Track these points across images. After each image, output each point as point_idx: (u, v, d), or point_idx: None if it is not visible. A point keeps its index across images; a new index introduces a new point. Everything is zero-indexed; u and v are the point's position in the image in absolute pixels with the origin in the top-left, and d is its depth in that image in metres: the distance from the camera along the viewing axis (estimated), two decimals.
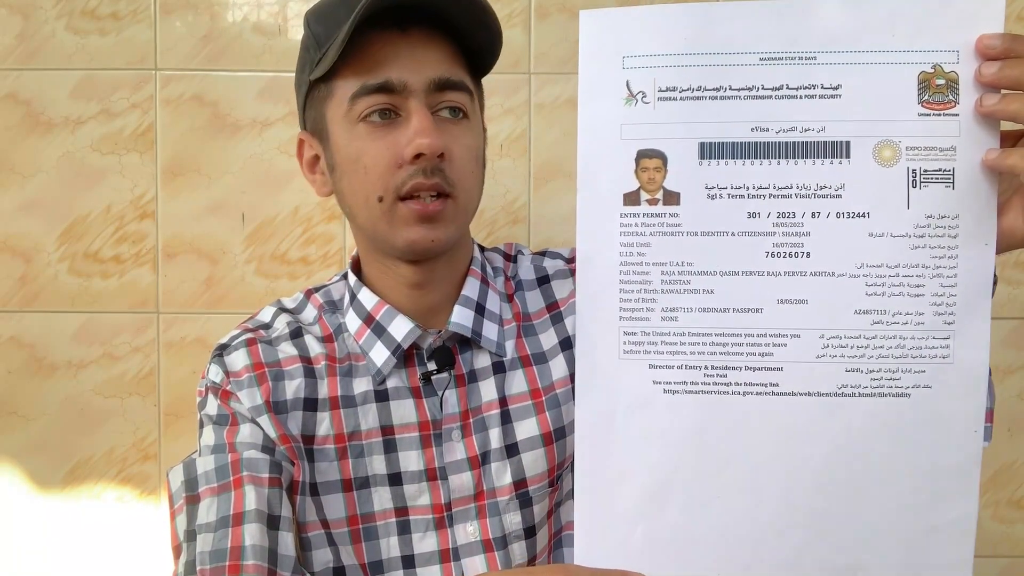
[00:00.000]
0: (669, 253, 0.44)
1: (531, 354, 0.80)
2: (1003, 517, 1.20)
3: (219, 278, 1.17)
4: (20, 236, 1.16)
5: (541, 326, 0.81)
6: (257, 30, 1.16)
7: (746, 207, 0.42)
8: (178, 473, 0.72)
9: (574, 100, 1.17)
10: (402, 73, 0.70)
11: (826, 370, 0.43)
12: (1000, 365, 1.19)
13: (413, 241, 0.72)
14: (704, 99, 0.42)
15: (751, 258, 0.43)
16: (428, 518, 0.76)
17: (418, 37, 0.71)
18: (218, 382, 0.76)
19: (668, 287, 0.45)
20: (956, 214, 0.43)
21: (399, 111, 0.71)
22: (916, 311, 0.42)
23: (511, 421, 0.77)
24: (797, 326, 0.43)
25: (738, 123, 0.42)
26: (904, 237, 0.42)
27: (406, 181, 0.70)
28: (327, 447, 0.75)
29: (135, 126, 1.16)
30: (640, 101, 0.44)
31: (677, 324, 0.45)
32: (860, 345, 0.42)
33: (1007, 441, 1.19)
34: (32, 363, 1.17)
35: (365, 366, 0.77)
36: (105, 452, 1.18)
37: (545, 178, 1.18)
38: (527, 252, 0.89)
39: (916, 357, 0.42)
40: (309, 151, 0.80)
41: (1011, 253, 1.18)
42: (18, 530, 1.18)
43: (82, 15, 1.15)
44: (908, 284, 0.42)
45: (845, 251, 0.42)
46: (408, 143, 0.69)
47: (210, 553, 0.66)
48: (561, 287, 0.84)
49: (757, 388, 0.45)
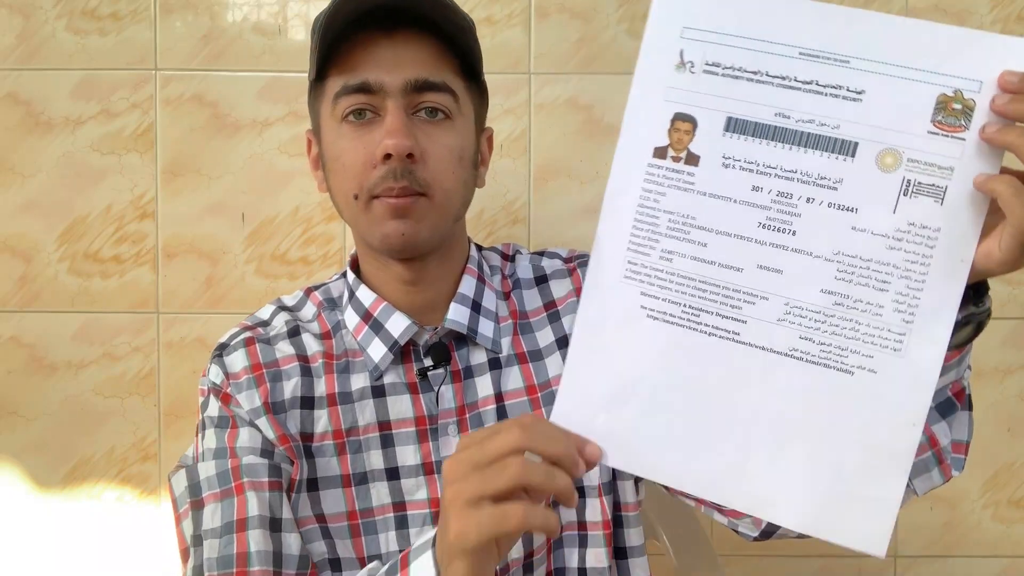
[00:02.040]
0: (678, 205, 0.51)
1: (527, 351, 0.81)
2: (1003, 517, 1.20)
3: (219, 278, 1.17)
4: (20, 236, 1.16)
5: (538, 324, 0.82)
6: (257, 30, 1.16)
7: (752, 181, 0.48)
8: (181, 479, 0.74)
9: (574, 100, 1.18)
10: (380, 74, 0.72)
11: (783, 332, 0.50)
12: (1000, 365, 1.19)
13: (386, 235, 0.73)
14: (741, 79, 0.48)
15: (745, 225, 0.49)
16: (425, 512, 0.76)
17: (403, 39, 0.73)
18: (218, 384, 0.77)
19: (671, 233, 0.52)
20: (938, 227, 0.47)
21: (378, 111, 0.73)
22: (877, 303, 0.47)
23: (507, 416, 0.78)
24: (767, 290, 0.50)
25: (765, 106, 0.48)
26: (883, 237, 0.47)
27: (377, 183, 0.72)
28: (326, 443, 0.76)
29: (135, 126, 1.16)
30: (688, 70, 0.49)
31: (670, 264, 0.52)
32: (817, 319, 0.48)
33: (1007, 441, 1.19)
34: (32, 363, 1.17)
35: (362, 362, 0.78)
36: (105, 452, 1.18)
37: (545, 178, 1.18)
38: (525, 252, 0.90)
39: (866, 343, 0.48)
40: (314, 149, 0.82)
41: None
42: (18, 530, 1.18)
43: (82, 15, 1.15)
44: (875, 278, 0.47)
45: (827, 237, 0.47)
46: (378, 145, 0.71)
47: (217, 559, 0.68)
48: (559, 286, 0.84)
49: (720, 333, 0.52)
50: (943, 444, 0.59)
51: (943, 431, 0.59)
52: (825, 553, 1.20)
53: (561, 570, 0.78)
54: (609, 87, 1.17)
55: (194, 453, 0.77)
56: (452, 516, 0.53)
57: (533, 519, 0.51)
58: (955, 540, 1.20)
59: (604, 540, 0.78)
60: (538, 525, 0.51)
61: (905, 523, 1.20)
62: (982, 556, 1.20)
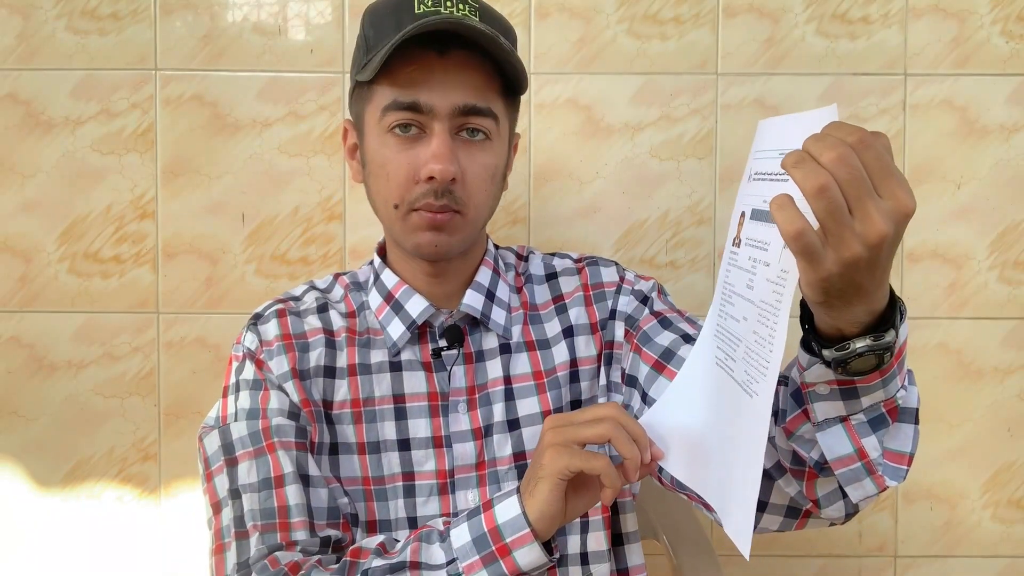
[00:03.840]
0: (731, 278, 0.64)
1: (536, 340, 0.87)
2: (1003, 517, 1.20)
3: (219, 278, 1.17)
4: (20, 236, 1.16)
5: (547, 316, 0.88)
6: (257, 30, 1.16)
7: (748, 252, 0.60)
8: (214, 438, 0.79)
9: (574, 100, 1.18)
10: (431, 97, 0.76)
11: (741, 365, 0.62)
12: (1000, 365, 1.19)
13: (420, 245, 0.80)
14: (763, 180, 0.59)
15: (744, 287, 0.61)
16: (432, 483, 0.82)
17: (455, 61, 0.77)
18: (253, 350, 0.82)
19: (724, 298, 0.65)
20: (787, 270, 0.55)
21: (423, 128, 0.78)
22: (767, 337, 0.57)
23: (514, 398, 0.84)
24: (736, 330, 0.62)
25: (760, 197, 0.59)
26: (771, 282, 0.57)
27: (418, 198, 0.78)
28: (344, 411, 0.82)
29: (135, 126, 1.16)
30: (750, 179, 0.62)
31: (724, 322, 0.65)
32: (750, 353, 0.59)
33: (1007, 441, 1.19)
34: (32, 363, 1.17)
35: (382, 340, 0.85)
36: (105, 452, 1.18)
37: (545, 178, 1.18)
38: (538, 253, 0.95)
39: (759, 370, 0.58)
40: (351, 138, 0.86)
41: (1011, 252, 1.18)
42: (18, 530, 1.18)
43: (82, 15, 1.15)
44: (767, 317, 0.56)
45: (758, 288, 0.58)
46: (423, 164, 0.77)
47: (259, 511, 0.75)
48: (568, 282, 0.90)
49: (716, 356, 0.66)
50: (872, 457, 0.63)
51: (872, 444, 0.63)
52: (825, 553, 1.20)
53: (563, 556, 0.82)
54: (609, 87, 1.17)
55: (219, 414, 0.81)
56: (547, 452, 0.66)
57: (610, 470, 0.64)
58: (955, 540, 1.20)
59: (603, 524, 0.84)
60: (612, 478, 0.64)
61: (905, 523, 1.20)
62: (982, 556, 1.20)
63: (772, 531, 0.75)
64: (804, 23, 1.16)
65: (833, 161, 0.48)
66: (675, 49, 1.17)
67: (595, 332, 0.87)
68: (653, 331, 0.82)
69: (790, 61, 1.16)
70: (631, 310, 0.86)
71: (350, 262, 1.18)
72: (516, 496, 0.68)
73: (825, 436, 0.63)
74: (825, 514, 0.70)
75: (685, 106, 1.17)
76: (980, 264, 1.18)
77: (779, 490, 0.72)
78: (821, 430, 0.63)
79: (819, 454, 0.65)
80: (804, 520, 0.74)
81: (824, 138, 0.50)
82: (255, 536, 0.73)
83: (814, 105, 1.15)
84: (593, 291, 0.88)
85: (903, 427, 0.65)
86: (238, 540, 0.74)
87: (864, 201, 0.49)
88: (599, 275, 0.89)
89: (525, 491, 0.67)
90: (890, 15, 1.16)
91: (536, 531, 0.66)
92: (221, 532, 0.76)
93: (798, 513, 0.73)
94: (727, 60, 1.17)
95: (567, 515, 0.68)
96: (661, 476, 0.83)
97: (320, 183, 1.17)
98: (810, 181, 0.48)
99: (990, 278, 1.18)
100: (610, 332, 0.86)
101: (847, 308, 0.54)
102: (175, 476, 1.18)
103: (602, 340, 0.86)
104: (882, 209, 0.49)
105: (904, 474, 0.65)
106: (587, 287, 0.89)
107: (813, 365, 0.60)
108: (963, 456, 1.19)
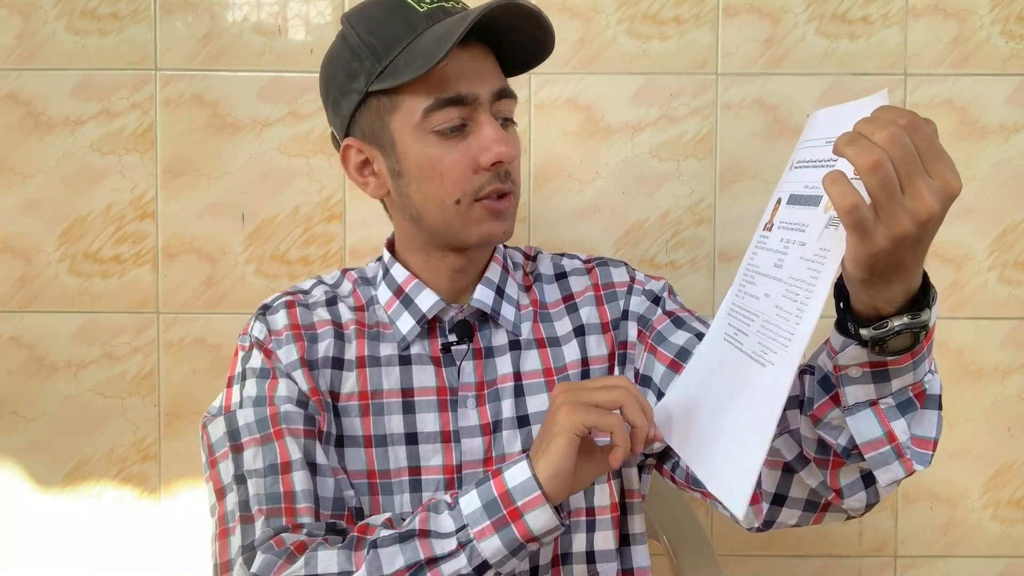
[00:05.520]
0: (753, 256, 0.66)
1: (546, 337, 0.87)
2: (1003, 517, 1.20)
3: (219, 278, 1.17)
4: (20, 236, 1.16)
5: (557, 315, 0.88)
6: (257, 30, 1.16)
7: (780, 235, 0.62)
8: (219, 425, 0.78)
9: (574, 100, 1.18)
10: (471, 86, 0.77)
11: (753, 339, 0.63)
12: (1000, 365, 1.19)
13: (488, 235, 0.80)
14: (805, 167, 0.61)
15: (770, 267, 0.63)
16: (439, 478, 0.81)
17: (476, 51, 0.78)
18: (261, 339, 0.82)
19: (745, 279, 0.67)
20: (828, 248, 0.57)
21: (466, 120, 0.78)
22: (795, 313, 0.58)
23: (524, 395, 0.84)
24: (753, 307, 0.64)
25: (801, 183, 0.61)
26: (805, 260, 0.58)
27: (484, 185, 0.78)
28: (351, 403, 0.82)
29: (135, 126, 1.16)
30: (792, 168, 0.64)
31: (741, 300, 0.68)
32: (762, 324, 0.62)
33: (1007, 441, 1.19)
34: (32, 363, 1.17)
35: (392, 334, 0.85)
36: (105, 452, 1.18)
37: (545, 178, 1.18)
38: (546, 253, 0.96)
39: (779, 342, 0.59)
40: (358, 156, 0.83)
41: (1011, 252, 1.18)
42: (18, 530, 1.18)
43: (82, 15, 1.15)
44: (795, 293, 0.58)
45: (791, 267, 0.60)
46: (483, 151, 0.77)
47: (265, 496, 0.74)
48: (577, 282, 0.91)
49: (725, 331, 0.69)
50: (901, 440, 0.64)
51: (901, 427, 0.64)
52: (825, 553, 1.20)
53: (568, 555, 0.82)
54: (609, 87, 1.17)
55: (224, 403, 0.80)
56: (561, 410, 0.67)
57: (622, 429, 0.66)
58: (955, 540, 1.20)
59: (612, 523, 0.83)
60: (623, 437, 0.66)
61: (905, 523, 1.20)
62: (982, 556, 1.20)
63: (789, 525, 0.76)
64: (804, 23, 1.17)
65: (886, 139, 0.50)
66: (675, 49, 1.17)
67: (606, 332, 0.87)
68: (667, 331, 0.83)
69: (790, 61, 1.17)
70: (643, 310, 0.86)
71: (350, 262, 1.18)
72: (526, 461, 0.67)
73: (855, 420, 0.64)
74: (847, 504, 0.71)
75: (685, 106, 1.17)
76: (980, 264, 1.18)
77: (800, 483, 0.73)
78: (851, 414, 0.64)
79: (847, 440, 0.66)
80: (822, 514, 0.75)
81: (876, 119, 0.52)
82: (260, 520, 0.73)
83: (814, 105, 1.15)
84: (604, 291, 0.89)
85: (928, 413, 0.66)
86: (243, 524, 0.73)
87: (915, 179, 0.51)
88: (609, 275, 0.90)
89: (535, 454, 0.67)
90: (890, 15, 1.16)
91: (547, 493, 0.66)
92: (225, 517, 0.75)
93: (817, 506, 0.74)
94: (727, 60, 1.17)
95: (575, 482, 0.68)
96: (675, 475, 0.83)
97: (320, 183, 1.17)
98: (864, 158, 0.50)
99: (990, 278, 1.18)
100: (623, 332, 0.87)
101: (886, 287, 0.56)
102: (175, 476, 1.18)
103: (614, 340, 0.86)
104: (932, 188, 0.51)
105: (930, 459, 0.66)
106: (598, 287, 0.89)
107: (848, 347, 0.61)
108: (963, 456, 1.19)
